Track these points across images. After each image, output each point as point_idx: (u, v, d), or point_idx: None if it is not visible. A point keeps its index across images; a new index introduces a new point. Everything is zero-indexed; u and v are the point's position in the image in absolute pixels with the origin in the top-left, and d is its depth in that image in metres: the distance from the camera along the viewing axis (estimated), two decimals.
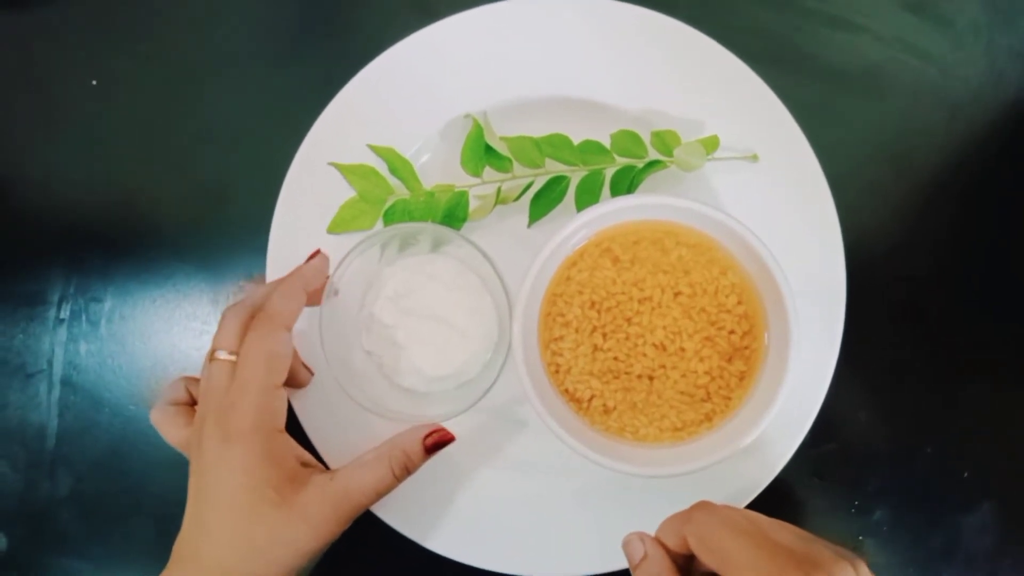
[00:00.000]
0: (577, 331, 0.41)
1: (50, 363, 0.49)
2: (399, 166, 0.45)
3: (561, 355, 0.41)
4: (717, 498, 0.43)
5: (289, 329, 0.39)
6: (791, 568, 0.31)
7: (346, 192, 0.45)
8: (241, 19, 0.49)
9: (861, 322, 0.44)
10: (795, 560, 0.31)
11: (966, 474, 0.46)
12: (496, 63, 0.45)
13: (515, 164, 0.45)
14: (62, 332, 0.49)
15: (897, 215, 0.47)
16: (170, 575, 0.37)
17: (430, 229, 0.44)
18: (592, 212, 0.39)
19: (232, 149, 0.49)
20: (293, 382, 0.44)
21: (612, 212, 0.40)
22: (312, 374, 0.44)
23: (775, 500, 0.44)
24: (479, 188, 0.45)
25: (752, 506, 0.43)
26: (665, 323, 0.41)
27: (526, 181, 0.44)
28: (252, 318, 0.39)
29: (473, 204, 0.45)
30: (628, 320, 0.41)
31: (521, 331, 0.39)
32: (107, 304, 0.49)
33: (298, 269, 0.42)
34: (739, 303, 0.41)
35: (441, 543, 0.44)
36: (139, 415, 0.49)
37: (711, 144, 0.43)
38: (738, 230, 0.38)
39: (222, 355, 0.38)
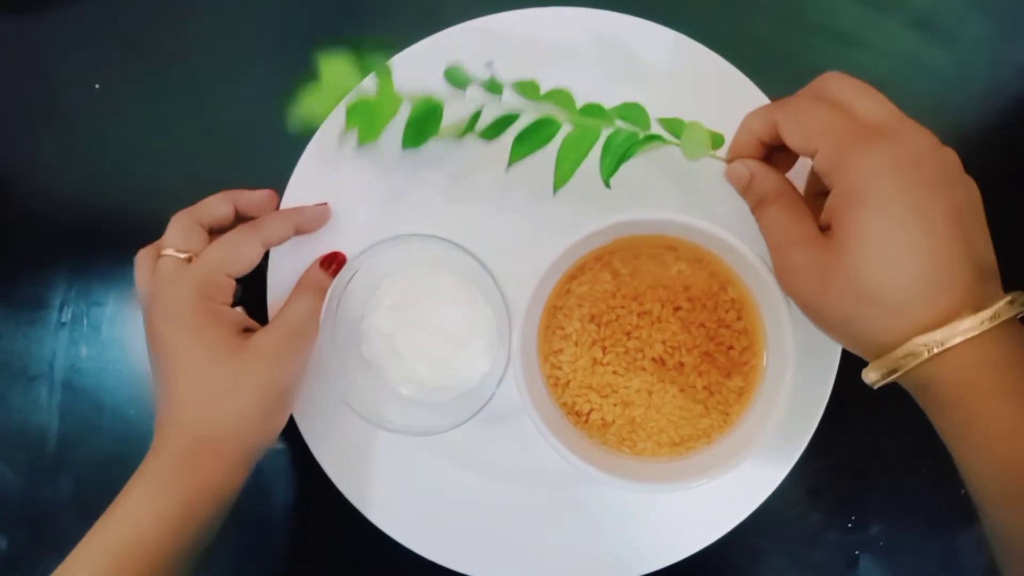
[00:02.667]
0: (576, 344, 0.41)
1: (51, 367, 0.49)
2: (376, 67, 0.42)
3: (560, 368, 0.41)
4: (713, 512, 0.43)
5: (265, 246, 0.43)
6: (860, 136, 0.32)
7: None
8: (248, 26, 0.49)
9: None
10: (868, 129, 0.33)
11: (963, 490, 0.46)
12: (503, 71, 0.45)
13: (506, 90, 0.41)
14: (64, 336, 0.49)
15: None
16: (154, 446, 0.38)
17: (433, 241, 0.44)
18: (593, 226, 0.39)
19: (237, 155, 0.49)
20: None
21: (613, 227, 0.40)
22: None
23: (772, 514, 0.44)
24: (458, 102, 0.41)
25: (749, 520, 0.43)
26: (664, 337, 0.41)
27: (512, 111, 0.41)
28: (201, 227, 0.42)
29: (448, 121, 0.42)
30: (627, 334, 0.41)
31: (520, 343, 0.39)
32: (109, 308, 0.49)
33: (300, 207, 0.45)
34: (739, 319, 0.41)
35: (441, 553, 0.44)
36: (140, 419, 0.49)
37: (717, 139, 0.40)
38: (738, 247, 0.38)
39: (169, 252, 0.41)
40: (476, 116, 0.41)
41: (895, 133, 0.33)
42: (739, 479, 0.43)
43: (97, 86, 0.50)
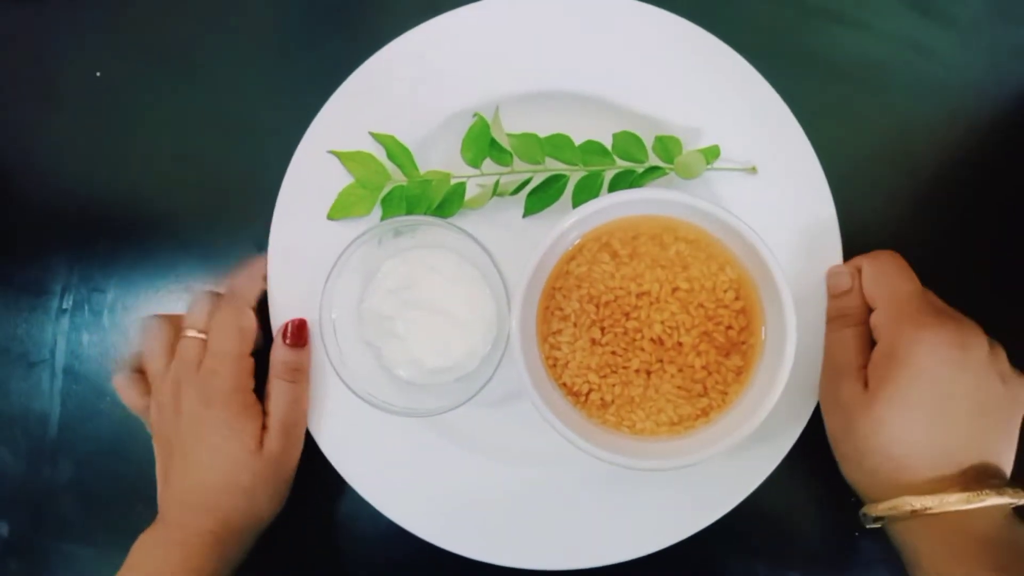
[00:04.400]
0: (575, 325, 0.41)
1: (52, 352, 0.50)
2: (397, 152, 0.45)
3: (559, 349, 0.41)
4: (713, 491, 0.43)
5: (253, 308, 0.45)
6: (921, 310, 0.39)
7: (348, 180, 0.46)
8: (248, 10, 0.49)
9: None
10: (930, 309, 0.39)
11: None
12: (500, 58, 0.45)
13: (515, 159, 0.45)
14: (65, 322, 0.50)
15: (898, 213, 0.47)
16: (183, 520, 0.42)
17: (430, 222, 0.44)
18: (592, 206, 0.39)
19: (237, 140, 0.49)
20: None
21: (612, 207, 0.40)
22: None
23: (772, 493, 0.44)
24: (477, 179, 0.45)
25: (750, 498, 0.43)
26: (663, 318, 0.41)
27: (525, 176, 0.44)
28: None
29: (471, 192, 0.45)
30: (626, 315, 0.41)
31: (519, 324, 0.39)
32: (109, 294, 0.50)
33: (257, 260, 0.46)
34: (737, 299, 0.41)
35: (439, 535, 0.44)
36: None
37: (711, 153, 0.44)
38: (737, 226, 0.38)
39: (191, 333, 0.44)
40: (496, 186, 0.45)
41: (952, 321, 0.38)
42: (740, 457, 0.43)
43: (98, 73, 0.50)
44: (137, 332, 0.48)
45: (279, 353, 0.44)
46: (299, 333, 0.44)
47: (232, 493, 0.42)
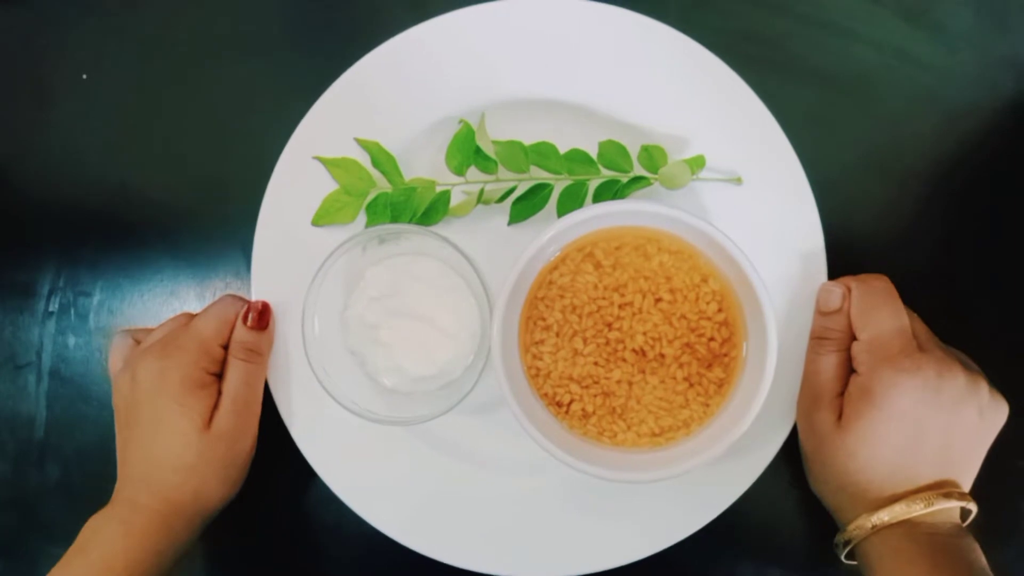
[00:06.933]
0: (557, 335, 0.41)
1: (39, 355, 0.50)
2: (382, 159, 0.45)
3: (541, 359, 0.41)
4: (698, 499, 0.44)
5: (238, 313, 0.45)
6: (903, 349, 0.39)
7: (332, 186, 0.45)
8: (233, 14, 0.49)
9: None
10: (912, 347, 0.39)
11: None
12: (486, 64, 0.45)
13: (500, 167, 0.45)
14: (51, 325, 0.50)
15: (886, 223, 0.47)
16: (130, 496, 0.42)
17: (414, 230, 0.44)
18: (575, 216, 0.39)
19: (223, 145, 0.49)
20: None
21: (595, 217, 0.40)
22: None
23: (754, 503, 0.44)
24: (461, 187, 0.45)
25: (731, 509, 0.43)
26: (645, 329, 0.41)
27: (510, 185, 0.44)
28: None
29: (455, 200, 0.45)
30: (608, 325, 0.41)
31: (500, 334, 0.39)
32: (96, 298, 0.50)
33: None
34: (719, 311, 0.41)
35: (422, 543, 0.44)
36: None
37: (697, 163, 0.44)
38: (719, 239, 0.38)
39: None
40: (481, 194, 0.44)
41: (930, 362, 0.39)
42: (722, 467, 0.43)
43: (84, 76, 0.50)
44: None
45: (239, 333, 0.44)
46: (261, 316, 0.44)
47: (176, 470, 0.42)
